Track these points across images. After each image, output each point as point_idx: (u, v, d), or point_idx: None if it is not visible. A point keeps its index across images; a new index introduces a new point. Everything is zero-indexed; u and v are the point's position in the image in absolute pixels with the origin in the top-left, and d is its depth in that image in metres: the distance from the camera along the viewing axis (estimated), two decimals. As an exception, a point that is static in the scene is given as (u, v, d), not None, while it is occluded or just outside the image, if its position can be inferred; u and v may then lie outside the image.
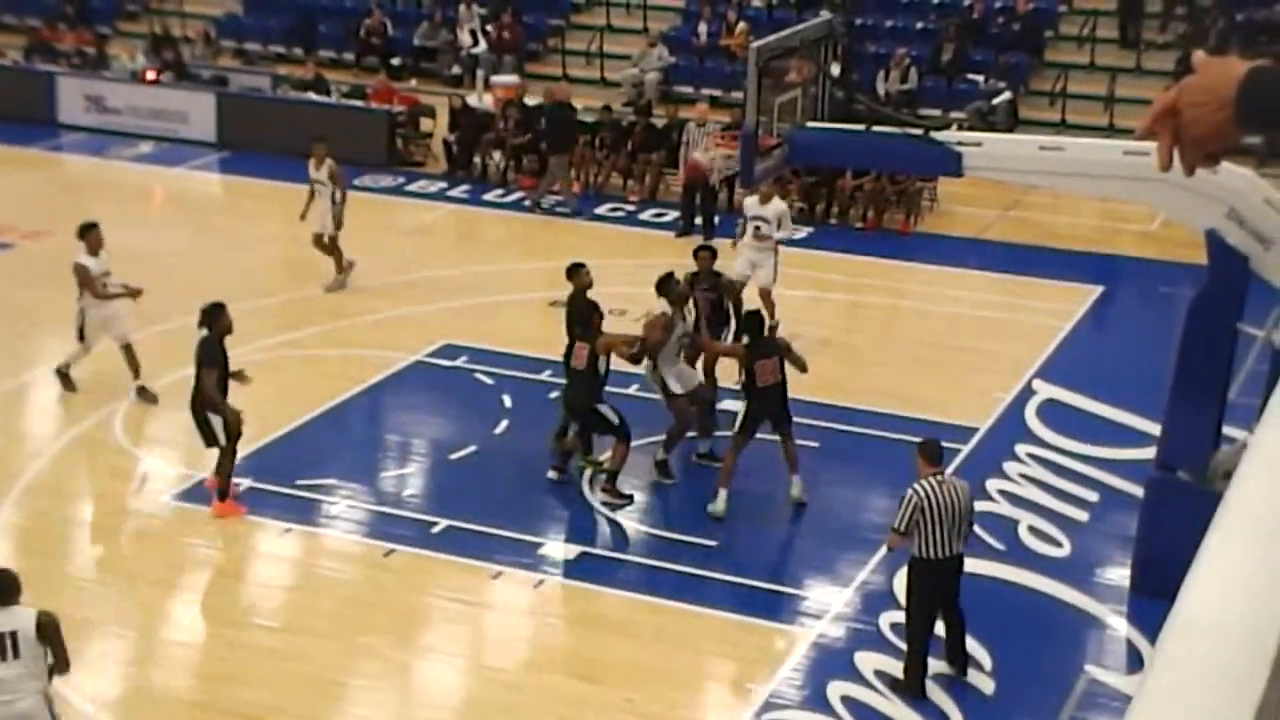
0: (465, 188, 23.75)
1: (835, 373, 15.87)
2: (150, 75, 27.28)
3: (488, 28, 29.49)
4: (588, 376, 13.40)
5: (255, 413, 13.53)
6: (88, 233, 15.23)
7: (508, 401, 15.47)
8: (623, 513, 13.41)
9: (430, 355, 16.73)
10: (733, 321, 14.77)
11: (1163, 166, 2.50)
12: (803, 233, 21.60)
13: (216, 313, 13.01)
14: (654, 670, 11.11)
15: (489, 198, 23.31)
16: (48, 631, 8.88)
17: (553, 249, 19.37)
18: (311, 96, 26.08)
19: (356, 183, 23.32)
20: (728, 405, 15.02)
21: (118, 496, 13.80)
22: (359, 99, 26.35)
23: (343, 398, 15.65)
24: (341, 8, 31.63)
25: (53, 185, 23.69)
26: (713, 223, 21.08)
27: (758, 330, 13.47)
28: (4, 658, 8.82)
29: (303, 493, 13.54)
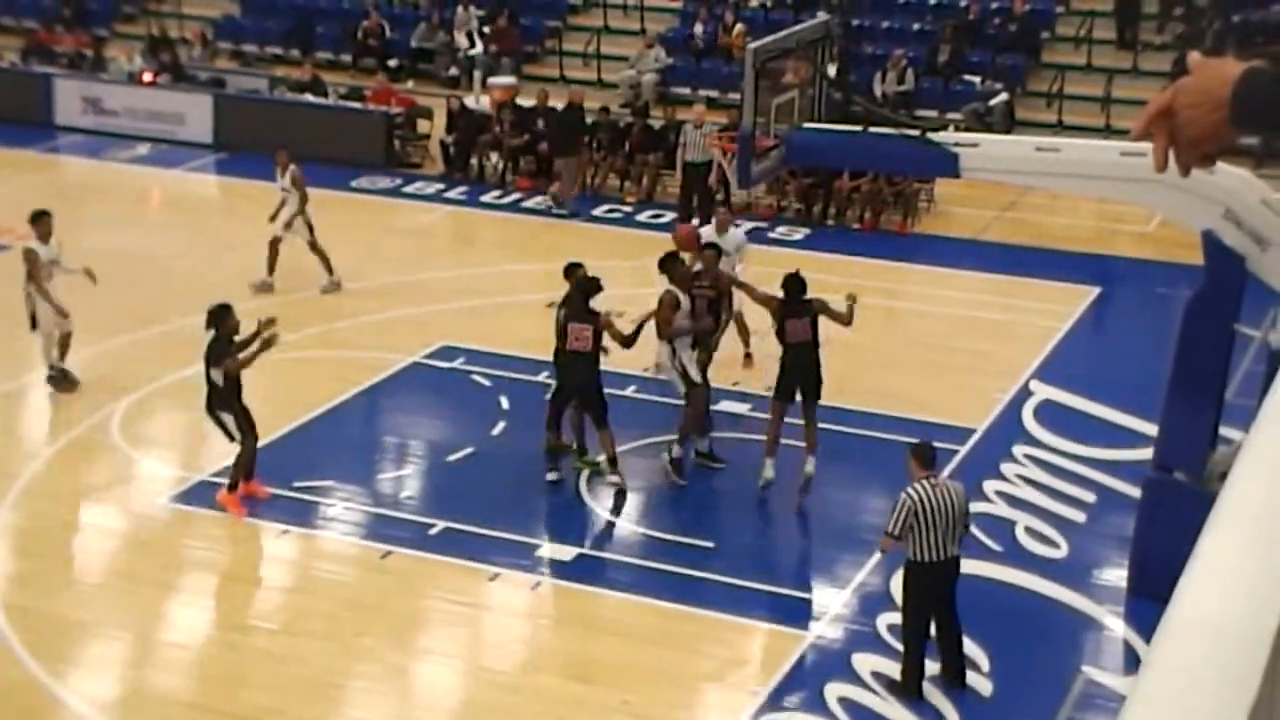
0: (462, 189, 23.76)
1: (832, 373, 15.85)
2: (147, 77, 27.30)
3: (485, 29, 29.51)
4: (591, 358, 13.43)
5: (254, 414, 13.51)
6: (39, 219, 15.42)
7: (505, 403, 15.47)
8: (620, 514, 13.42)
9: (428, 357, 16.72)
10: (724, 320, 14.87)
11: (1159, 167, 2.50)
12: (800, 234, 21.64)
13: (223, 314, 13.15)
14: (651, 672, 11.09)
15: (486, 199, 23.32)
16: None
17: (550, 250, 19.34)
18: (309, 98, 26.08)
19: (354, 184, 23.38)
20: (726, 406, 15.03)
21: (115, 498, 13.82)
22: (356, 101, 26.36)
23: (340, 399, 15.65)
24: (339, 9, 31.65)
25: (50, 187, 23.58)
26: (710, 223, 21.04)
27: (797, 289, 13.48)
28: None
29: (300, 495, 13.54)
